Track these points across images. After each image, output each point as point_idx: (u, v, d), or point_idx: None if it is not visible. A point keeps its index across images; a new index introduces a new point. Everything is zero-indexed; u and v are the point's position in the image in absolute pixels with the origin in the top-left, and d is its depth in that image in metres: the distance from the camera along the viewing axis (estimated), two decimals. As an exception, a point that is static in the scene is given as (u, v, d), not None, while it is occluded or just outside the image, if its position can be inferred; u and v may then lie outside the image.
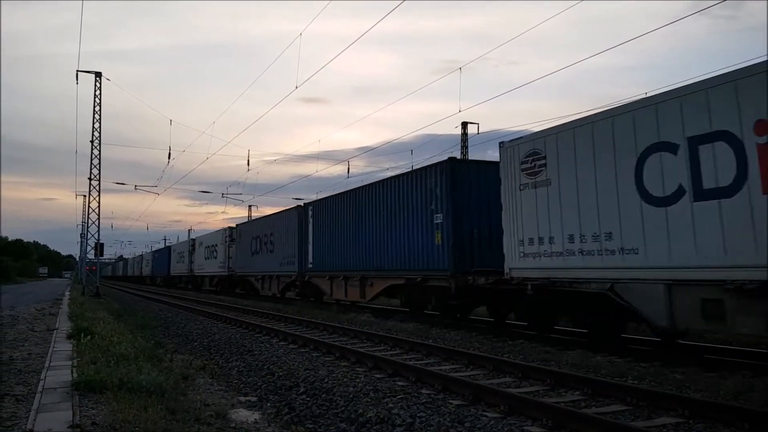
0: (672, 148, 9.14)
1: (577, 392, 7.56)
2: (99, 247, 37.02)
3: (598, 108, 10.90)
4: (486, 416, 6.50)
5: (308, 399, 7.65)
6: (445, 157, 15.92)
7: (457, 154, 34.47)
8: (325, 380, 8.68)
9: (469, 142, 35.52)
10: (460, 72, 21.09)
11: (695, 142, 8.80)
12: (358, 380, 8.68)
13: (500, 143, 13.08)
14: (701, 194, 8.65)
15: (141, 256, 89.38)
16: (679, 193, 8.96)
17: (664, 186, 9.21)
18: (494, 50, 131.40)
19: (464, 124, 36.00)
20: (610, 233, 10.09)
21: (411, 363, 9.71)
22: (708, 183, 8.57)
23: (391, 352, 11.41)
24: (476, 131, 36.15)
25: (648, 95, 10.11)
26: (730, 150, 8.29)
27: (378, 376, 9.10)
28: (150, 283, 70.74)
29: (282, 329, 15.24)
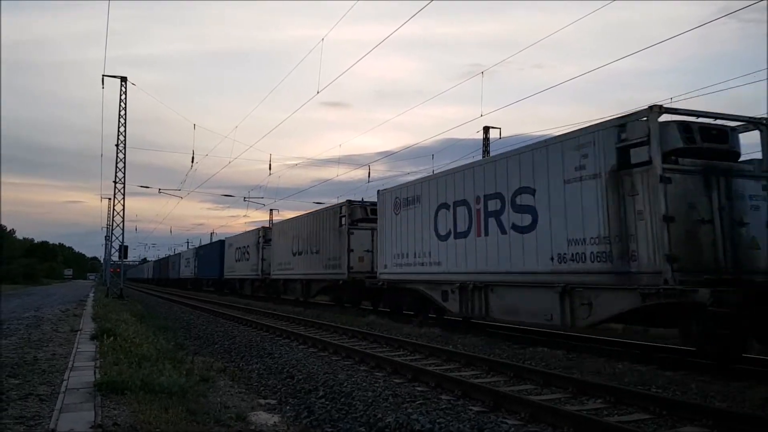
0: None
1: (600, 400, 7.46)
2: (123, 250, 37.50)
3: (621, 113, 10.88)
4: (506, 423, 6.44)
5: (327, 403, 7.65)
6: (468, 159, 17.42)
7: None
8: (344, 384, 8.67)
9: (491, 147, 35.32)
10: (482, 76, 21.09)
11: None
12: (377, 385, 8.66)
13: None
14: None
15: (178, 255, 74.39)
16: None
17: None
18: (517, 54, 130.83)
19: (486, 129, 35.79)
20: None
21: (431, 368, 9.67)
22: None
23: (410, 357, 11.37)
24: (498, 136, 35.94)
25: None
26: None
27: (397, 381, 9.07)
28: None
29: (302, 332, 15.30)
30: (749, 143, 11.27)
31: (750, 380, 8.35)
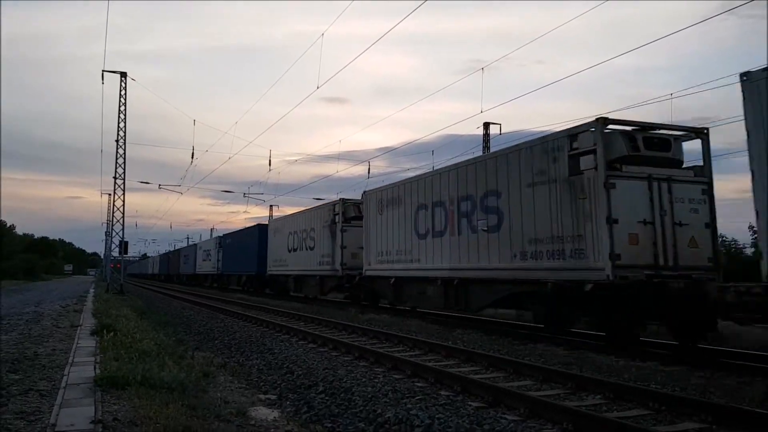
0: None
1: (599, 396, 7.47)
2: (123, 245, 37.53)
3: (622, 110, 10.98)
4: (506, 419, 6.46)
5: (327, 398, 7.66)
6: (469, 155, 17.41)
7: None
8: (344, 380, 8.69)
9: (492, 143, 35.29)
10: (482, 72, 21.08)
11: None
12: (376, 380, 8.68)
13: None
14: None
15: (193, 246, 64.57)
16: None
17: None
18: (518, 50, 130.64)
19: (486, 125, 35.78)
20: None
21: (430, 364, 9.68)
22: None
23: (410, 353, 11.39)
24: (499, 132, 35.90)
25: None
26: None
27: (397, 376, 9.08)
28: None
29: (302, 328, 15.32)
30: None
31: (748, 376, 8.37)
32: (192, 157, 38.79)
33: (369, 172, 57.32)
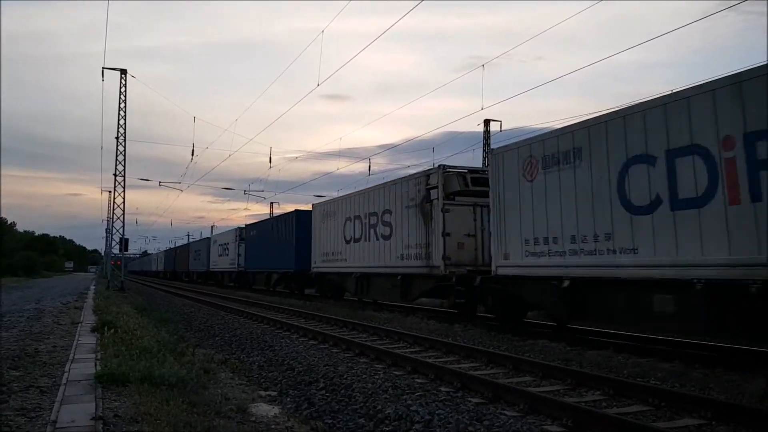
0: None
1: (599, 392, 7.49)
2: (124, 243, 37.56)
3: (621, 106, 10.83)
4: (505, 415, 6.47)
5: (327, 394, 7.68)
6: (469, 153, 18.23)
7: (479, 153, 34.27)
8: (345, 376, 8.71)
9: (492, 140, 35.32)
10: (483, 69, 21.02)
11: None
12: (377, 377, 8.69)
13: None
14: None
15: (205, 240, 56.30)
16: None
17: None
18: (518, 47, 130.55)
19: (486, 122, 35.84)
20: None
21: (430, 360, 9.70)
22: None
23: (410, 350, 11.41)
24: (499, 128, 35.95)
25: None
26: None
27: (397, 373, 9.10)
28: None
29: (302, 325, 15.34)
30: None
31: (746, 372, 8.37)
32: (192, 155, 38.88)
33: (369, 170, 57.25)
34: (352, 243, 22.14)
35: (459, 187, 16.34)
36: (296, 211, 30.35)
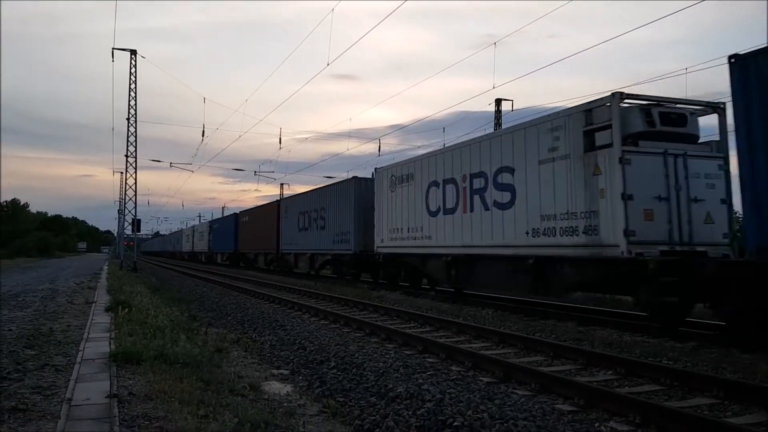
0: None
1: (610, 372, 7.49)
2: (136, 223, 37.83)
3: (635, 84, 10.58)
4: (516, 394, 6.49)
5: (339, 373, 7.73)
6: (480, 132, 16.73)
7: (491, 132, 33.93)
8: (356, 355, 8.75)
9: (504, 120, 35.01)
10: (495, 47, 20.80)
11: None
12: (388, 356, 8.73)
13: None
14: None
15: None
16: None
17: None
18: (531, 24, 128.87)
19: (498, 101, 35.47)
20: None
21: (441, 340, 9.73)
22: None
23: (421, 330, 11.45)
24: (510, 108, 35.59)
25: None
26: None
27: (408, 352, 9.14)
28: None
29: (313, 305, 15.42)
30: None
31: (760, 353, 8.33)
32: (203, 135, 38.92)
33: (380, 150, 56.93)
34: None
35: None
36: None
